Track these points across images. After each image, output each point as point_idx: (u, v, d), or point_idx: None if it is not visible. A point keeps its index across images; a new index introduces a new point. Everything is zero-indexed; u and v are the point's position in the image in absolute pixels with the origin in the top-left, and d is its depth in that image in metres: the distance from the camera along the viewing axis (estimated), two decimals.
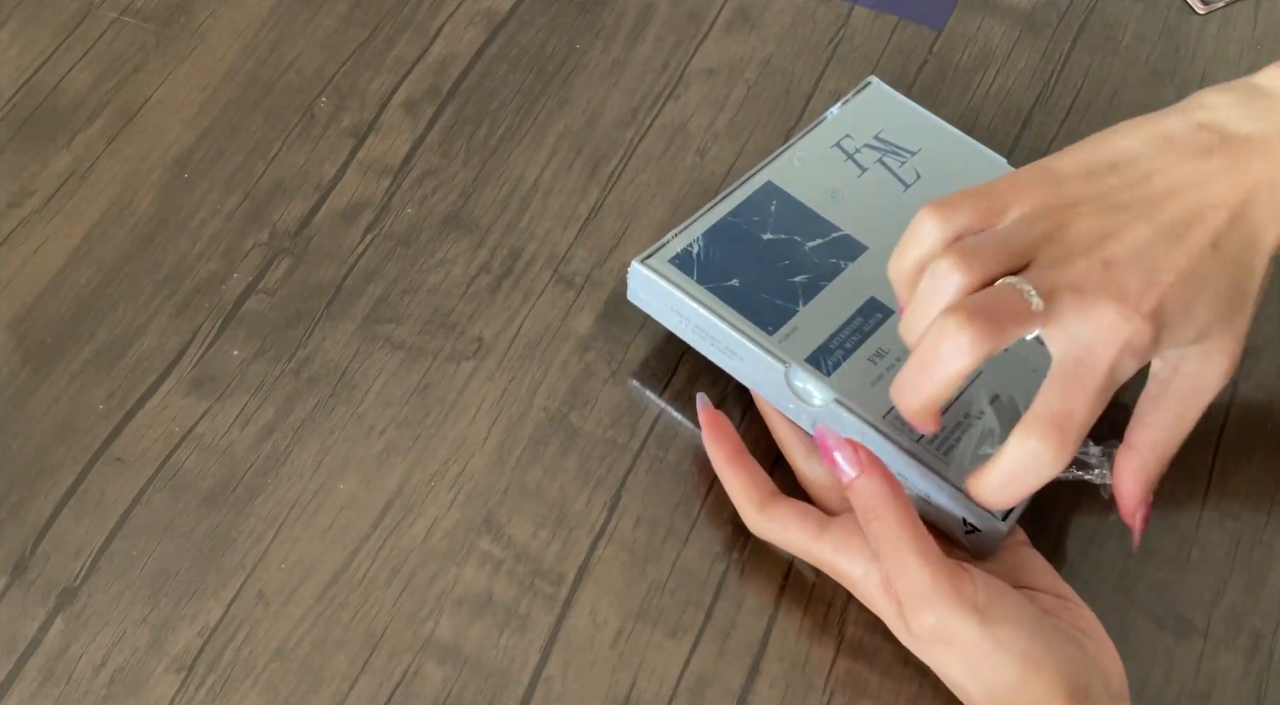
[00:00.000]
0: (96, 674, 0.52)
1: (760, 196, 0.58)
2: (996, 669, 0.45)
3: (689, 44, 0.69)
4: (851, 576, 0.49)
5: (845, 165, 0.60)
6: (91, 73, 0.68)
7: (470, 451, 0.57)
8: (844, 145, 0.60)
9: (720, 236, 0.56)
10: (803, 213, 0.58)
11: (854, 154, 0.60)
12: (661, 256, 0.56)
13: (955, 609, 0.45)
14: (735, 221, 0.57)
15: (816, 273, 0.56)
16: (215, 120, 0.67)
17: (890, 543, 0.47)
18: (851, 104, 0.62)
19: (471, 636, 0.53)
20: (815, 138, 0.61)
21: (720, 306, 0.54)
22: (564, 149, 0.65)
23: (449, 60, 0.69)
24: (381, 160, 0.65)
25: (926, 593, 0.46)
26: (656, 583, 0.54)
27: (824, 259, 0.56)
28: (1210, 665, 0.52)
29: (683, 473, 0.56)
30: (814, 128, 0.61)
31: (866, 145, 0.61)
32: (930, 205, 0.46)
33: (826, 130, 0.61)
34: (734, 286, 0.55)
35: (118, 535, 0.55)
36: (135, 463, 0.57)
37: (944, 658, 0.47)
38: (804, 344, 0.54)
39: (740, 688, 0.52)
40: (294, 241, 0.63)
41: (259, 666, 0.52)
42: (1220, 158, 0.46)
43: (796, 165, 0.59)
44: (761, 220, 0.57)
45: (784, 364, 0.53)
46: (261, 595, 0.54)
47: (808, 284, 0.55)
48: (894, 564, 0.47)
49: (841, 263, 0.56)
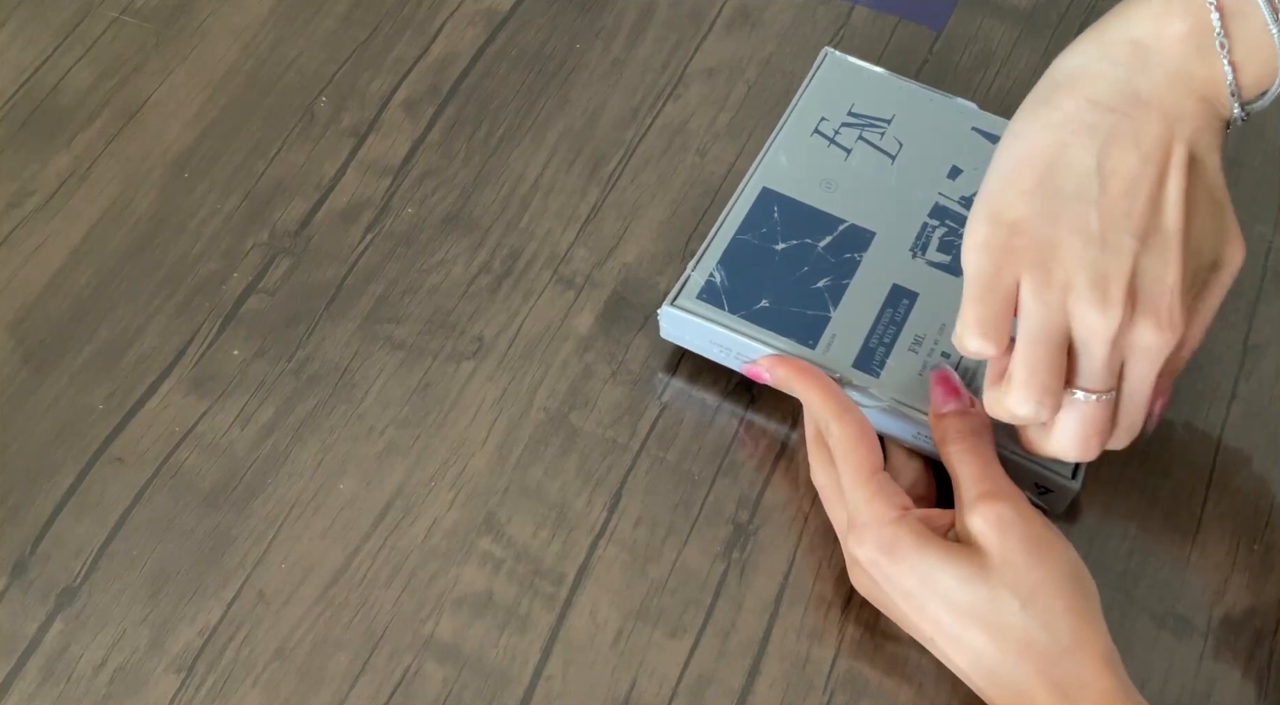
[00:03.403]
0: (96, 674, 0.52)
1: (761, 206, 0.58)
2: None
3: (689, 44, 0.69)
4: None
5: (830, 151, 0.60)
6: (91, 73, 0.68)
7: (470, 451, 0.57)
8: (823, 130, 0.61)
9: (736, 258, 0.57)
10: (805, 212, 0.58)
11: (835, 137, 0.61)
12: (689, 294, 0.56)
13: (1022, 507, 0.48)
14: (746, 239, 0.57)
15: (836, 272, 0.57)
16: (215, 120, 0.67)
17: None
18: (816, 82, 0.63)
19: (472, 636, 0.53)
20: (793, 129, 0.61)
21: (759, 332, 0.55)
22: (564, 149, 0.65)
23: (449, 60, 0.69)
24: (381, 160, 0.65)
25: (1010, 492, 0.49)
26: (656, 583, 0.54)
27: (839, 256, 0.57)
28: (1210, 665, 0.52)
29: (683, 473, 0.56)
30: (789, 118, 0.61)
31: (844, 124, 0.61)
32: (963, 346, 0.47)
33: (801, 118, 0.61)
34: (765, 308, 0.55)
35: (118, 535, 0.55)
36: (135, 463, 0.57)
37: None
38: (847, 350, 0.55)
39: (740, 688, 0.52)
40: (294, 241, 0.63)
41: (259, 666, 0.52)
42: (1136, 120, 0.46)
43: (785, 164, 0.60)
44: (770, 231, 0.58)
45: (834, 375, 0.54)
46: (261, 595, 0.54)
47: (832, 287, 0.56)
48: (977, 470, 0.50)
49: (856, 255, 0.57)
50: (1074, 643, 0.46)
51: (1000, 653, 0.46)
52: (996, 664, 0.47)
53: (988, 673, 0.47)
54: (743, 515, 0.55)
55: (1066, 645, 0.46)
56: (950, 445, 0.51)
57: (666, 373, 0.59)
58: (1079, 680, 0.45)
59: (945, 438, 0.51)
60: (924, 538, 0.48)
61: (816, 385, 0.53)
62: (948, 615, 0.47)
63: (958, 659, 0.48)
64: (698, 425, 0.57)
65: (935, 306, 0.56)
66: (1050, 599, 0.46)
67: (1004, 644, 0.46)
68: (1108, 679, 0.45)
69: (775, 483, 0.56)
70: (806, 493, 0.55)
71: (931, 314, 0.56)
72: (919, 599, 0.48)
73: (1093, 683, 0.45)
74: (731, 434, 0.57)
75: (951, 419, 0.52)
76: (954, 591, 0.47)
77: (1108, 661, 0.46)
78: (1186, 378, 0.55)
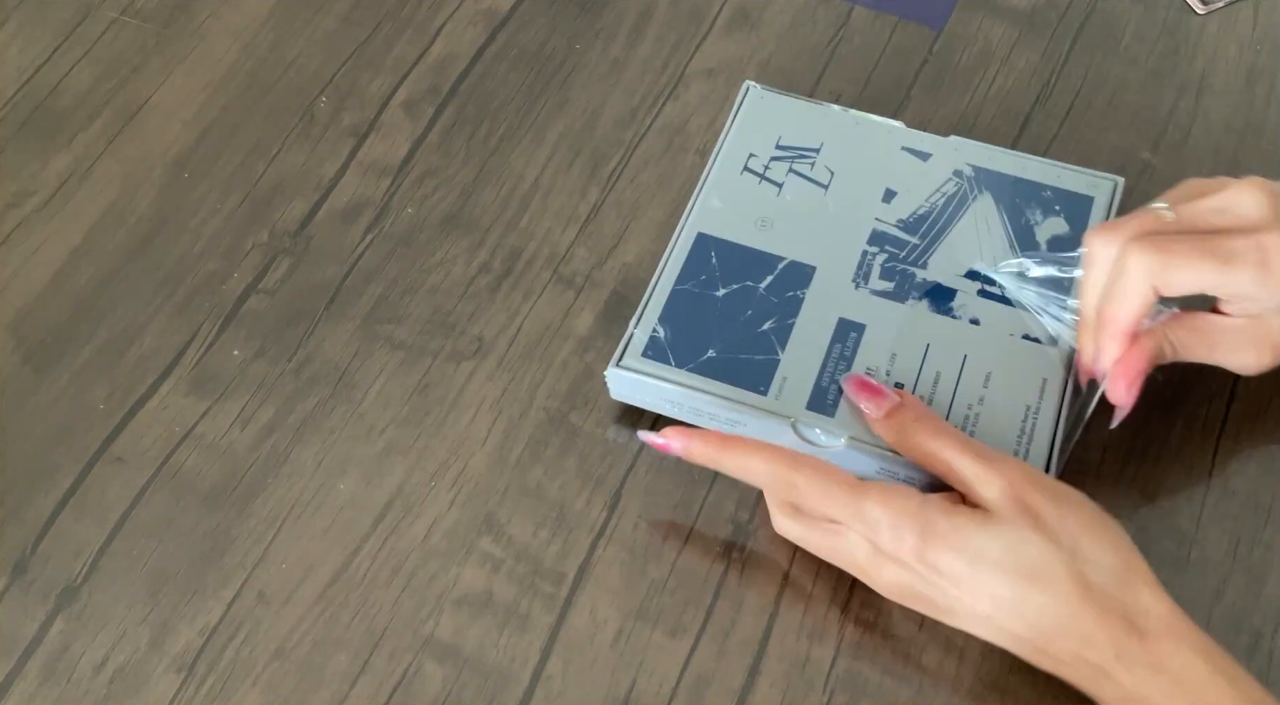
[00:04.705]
0: (97, 674, 0.52)
1: (698, 253, 0.57)
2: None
3: (689, 44, 0.69)
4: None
5: (762, 188, 0.59)
6: (91, 73, 0.68)
7: (470, 451, 0.57)
8: (752, 166, 0.60)
9: (678, 310, 0.56)
10: (743, 254, 0.57)
11: (765, 173, 0.60)
12: (633, 352, 0.55)
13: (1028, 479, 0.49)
14: (686, 289, 0.56)
15: (781, 313, 0.56)
16: (215, 120, 0.67)
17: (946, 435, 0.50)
18: (740, 118, 0.62)
19: (471, 636, 0.53)
20: (722, 169, 0.60)
21: (708, 383, 0.54)
22: (564, 149, 0.65)
23: (449, 60, 0.69)
24: (381, 160, 0.65)
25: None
26: (656, 582, 0.54)
27: (781, 295, 0.56)
28: None
29: (683, 473, 0.56)
30: (716, 158, 0.60)
31: (773, 158, 0.60)
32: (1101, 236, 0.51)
33: (729, 157, 0.60)
34: (712, 358, 0.54)
35: (118, 535, 0.55)
36: (135, 463, 0.57)
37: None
38: (799, 392, 0.54)
39: (740, 688, 0.52)
40: (294, 241, 0.63)
41: (259, 666, 0.52)
42: None
43: (718, 206, 0.59)
44: (709, 277, 0.57)
45: (788, 419, 0.53)
46: (261, 595, 0.54)
47: (778, 328, 0.55)
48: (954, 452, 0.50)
49: (799, 292, 0.56)
50: (1126, 573, 0.47)
51: (1063, 605, 0.46)
52: (1061, 618, 0.46)
53: (1052, 630, 0.47)
54: (743, 515, 0.55)
55: (1121, 577, 0.46)
56: (915, 436, 0.50)
57: None
58: (1140, 607, 0.46)
59: (905, 432, 0.51)
60: (956, 513, 0.48)
61: (751, 451, 0.51)
62: (1004, 586, 0.47)
63: (1018, 627, 0.47)
64: None
65: (884, 336, 0.55)
66: (1092, 540, 0.47)
67: (1064, 596, 0.46)
68: (1165, 601, 0.46)
69: None
70: None
71: (881, 343, 0.55)
72: (971, 581, 0.47)
73: (1153, 606, 0.46)
74: None
75: (898, 415, 0.51)
76: (1004, 559, 0.47)
77: (1158, 584, 0.47)
78: (1187, 377, 0.55)
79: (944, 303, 0.56)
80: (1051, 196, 0.59)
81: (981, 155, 0.60)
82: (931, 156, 0.60)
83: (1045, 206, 0.58)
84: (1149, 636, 0.45)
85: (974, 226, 0.58)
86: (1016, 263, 0.56)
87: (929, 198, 0.59)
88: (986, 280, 0.57)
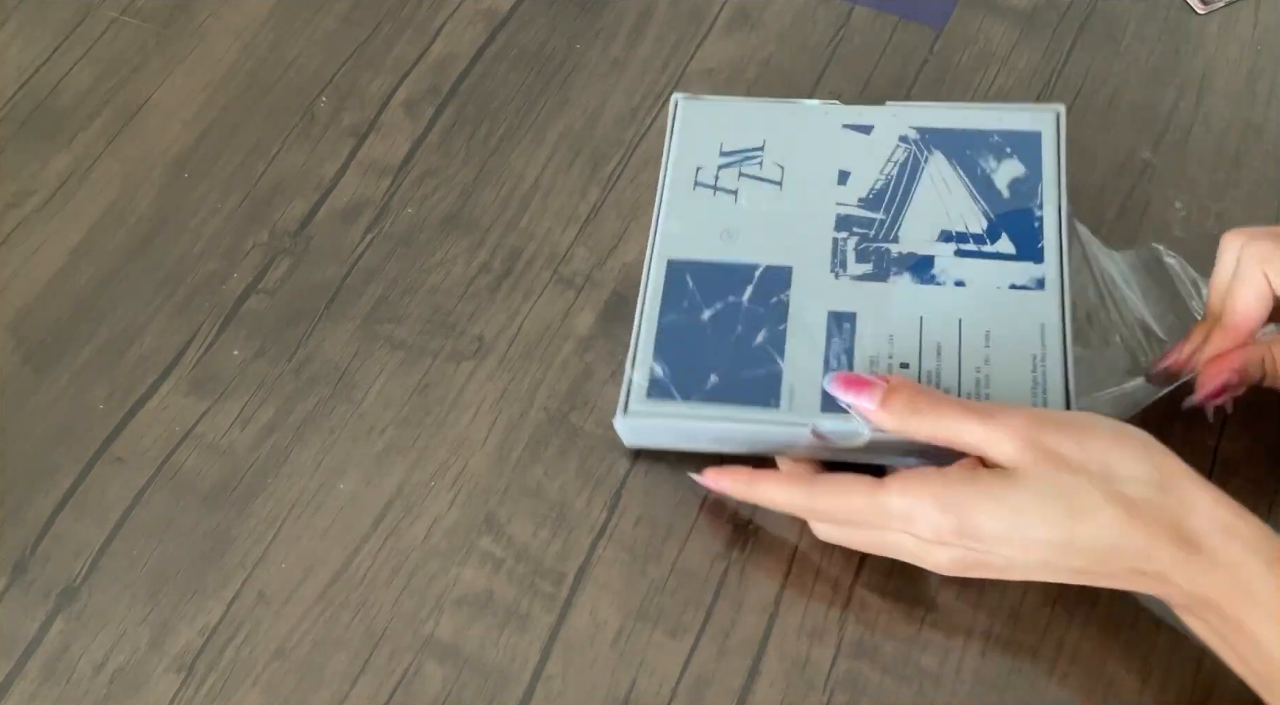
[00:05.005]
0: (97, 674, 0.52)
1: (673, 281, 0.56)
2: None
3: (689, 44, 0.69)
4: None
5: (717, 200, 0.58)
6: (91, 73, 0.68)
7: (470, 451, 0.57)
8: (702, 179, 0.59)
9: (670, 343, 0.55)
10: (717, 271, 0.56)
11: (716, 183, 0.59)
12: (637, 397, 0.54)
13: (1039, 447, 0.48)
14: (671, 320, 0.55)
15: (770, 320, 0.55)
16: (215, 120, 0.67)
17: (949, 406, 0.49)
18: (678, 133, 0.61)
19: (471, 636, 0.53)
20: (674, 189, 0.59)
21: (718, 410, 0.53)
22: (564, 149, 0.65)
23: (449, 60, 0.69)
24: (381, 160, 0.65)
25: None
26: (656, 583, 0.54)
27: (765, 303, 0.55)
28: (1210, 665, 0.52)
29: (683, 473, 0.56)
30: (665, 180, 0.59)
31: (720, 166, 0.59)
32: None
33: (677, 175, 0.59)
34: (716, 383, 0.53)
35: (118, 535, 0.55)
36: (135, 463, 0.57)
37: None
38: (810, 397, 0.53)
39: (740, 688, 0.52)
40: (294, 241, 0.63)
41: (259, 666, 0.52)
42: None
43: (678, 229, 0.58)
44: (691, 303, 0.56)
45: (806, 424, 0.52)
46: (261, 595, 0.54)
47: (771, 337, 0.54)
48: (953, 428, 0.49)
49: (782, 295, 0.55)
50: (1164, 478, 0.46)
51: (1111, 530, 0.46)
52: (1113, 542, 0.46)
53: (1108, 554, 0.47)
54: (743, 515, 0.55)
55: (1159, 483, 0.46)
56: (913, 419, 0.50)
57: None
58: (1186, 507, 0.46)
59: (902, 417, 0.50)
60: (979, 478, 0.48)
61: (772, 486, 0.52)
62: (1050, 530, 0.46)
63: (1077, 562, 0.47)
64: None
65: (876, 319, 0.54)
66: (1119, 456, 0.47)
67: (1110, 520, 0.46)
68: (1208, 493, 0.46)
69: None
70: None
71: (876, 328, 0.54)
72: (1017, 537, 0.47)
73: (1199, 502, 0.46)
74: None
75: (890, 400, 0.50)
76: (1040, 507, 0.46)
77: (1197, 477, 0.47)
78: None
79: (925, 272, 0.56)
80: (1000, 140, 0.59)
81: (921, 116, 0.60)
82: (874, 128, 0.60)
83: (996, 152, 0.58)
84: (1198, 537, 0.45)
85: (934, 189, 0.58)
86: None
87: (882, 170, 0.58)
88: (960, 239, 0.56)
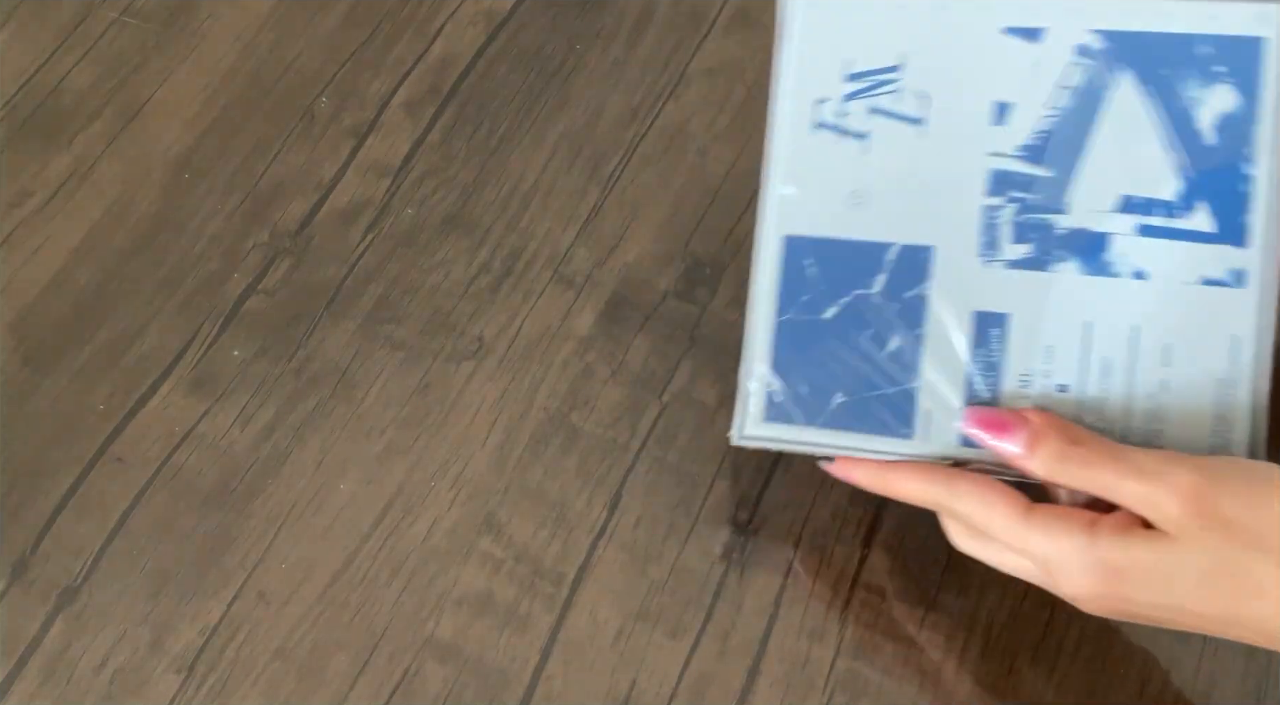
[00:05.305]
0: (97, 674, 0.52)
1: (790, 264, 0.46)
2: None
3: (689, 44, 0.69)
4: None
5: (841, 146, 0.46)
6: (91, 73, 0.68)
7: (470, 451, 0.57)
8: (824, 118, 0.47)
9: (788, 351, 0.46)
10: (842, 251, 0.46)
11: (841, 123, 0.47)
12: (754, 421, 0.47)
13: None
14: (789, 320, 0.46)
15: (905, 322, 0.45)
16: (215, 120, 0.67)
17: (1106, 453, 0.43)
18: (797, 45, 0.48)
19: (472, 636, 0.53)
20: (789, 134, 0.47)
21: (844, 437, 0.46)
22: (564, 149, 0.65)
23: (449, 60, 0.69)
24: (381, 160, 0.65)
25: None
26: (656, 583, 0.54)
27: (899, 297, 0.45)
28: (1210, 665, 0.52)
29: (683, 473, 0.56)
30: (776, 120, 0.47)
31: (845, 97, 0.46)
32: None
33: (793, 112, 0.47)
34: (842, 404, 0.46)
35: (118, 535, 0.55)
36: (135, 463, 0.57)
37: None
38: (947, 426, 0.45)
39: (740, 688, 0.52)
40: (294, 241, 0.63)
41: (259, 666, 0.52)
42: None
43: (796, 193, 0.47)
44: (812, 297, 0.46)
45: (947, 462, 0.46)
46: (262, 595, 0.54)
47: (905, 345, 0.45)
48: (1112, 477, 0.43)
49: (920, 289, 0.45)
50: None
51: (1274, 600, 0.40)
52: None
53: (1277, 635, 0.41)
54: (743, 515, 0.55)
55: None
56: (1064, 473, 0.43)
57: (667, 373, 0.59)
58: None
59: (1049, 465, 0.43)
60: (1132, 542, 0.42)
61: (909, 478, 0.46)
62: (1209, 606, 0.42)
63: (1239, 635, 0.42)
64: (698, 425, 0.57)
65: (1033, 323, 0.45)
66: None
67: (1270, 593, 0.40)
68: None
69: (775, 483, 0.56)
70: (807, 492, 0.55)
71: (1031, 336, 0.44)
72: (1171, 607, 0.42)
73: None
74: None
75: (1038, 448, 0.44)
76: (1201, 583, 0.41)
77: None
78: None
79: (1097, 257, 0.44)
80: (1211, 52, 0.43)
81: (1108, 12, 0.44)
82: (1045, 33, 0.45)
83: (1203, 70, 0.43)
84: None
85: (1118, 129, 0.44)
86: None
87: (1052, 100, 0.45)
88: (1145, 209, 0.43)
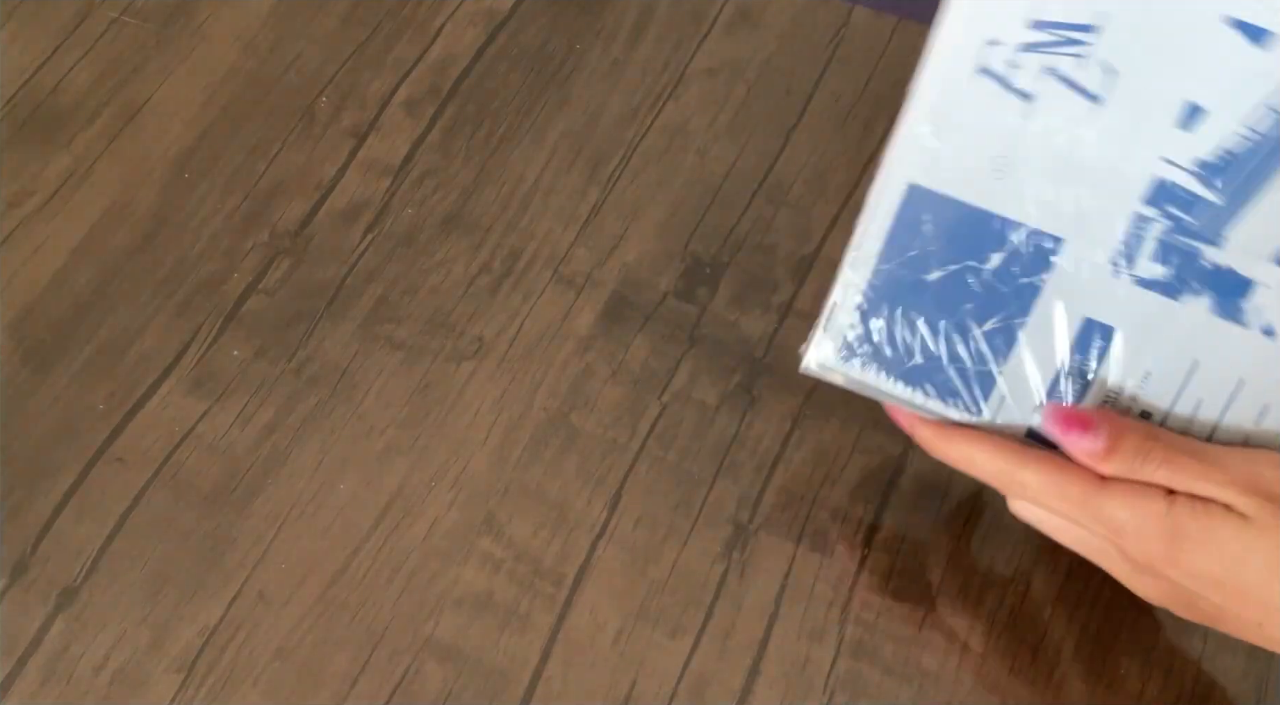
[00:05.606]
0: (97, 674, 0.52)
1: (907, 214, 0.42)
2: None
3: (689, 44, 0.69)
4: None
5: (1001, 103, 0.40)
6: (91, 73, 0.68)
7: (470, 451, 0.57)
8: (992, 66, 0.40)
9: (880, 300, 0.44)
10: (967, 218, 0.42)
11: (1008, 75, 0.40)
12: (827, 352, 0.45)
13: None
14: (890, 269, 0.43)
15: (1008, 308, 0.42)
16: (215, 120, 0.67)
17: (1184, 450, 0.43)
18: None
19: (471, 636, 0.53)
20: (944, 69, 0.41)
21: (912, 394, 0.45)
22: (564, 149, 0.65)
23: (449, 60, 0.69)
24: (381, 160, 0.65)
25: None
26: (656, 583, 0.54)
27: (1012, 282, 0.42)
28: (1210, 665, 0.52)
29: (683, 473, 0.56)
30: (934, 50, 0.41)
31: (1022, 48, 0.40)
32: None
33: (957, 47, 0.41)
34: (919, 366, 0.44)
35: (118, 535, 0.55)
36: (135, 463, 0.57)
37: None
38: (1019, 412, 0.43)
39: (740, 688, 0.52)
40: (294, 241, 0.63)
41: (259, 666, 0.52)
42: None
43: (934, 140, 0.42)
44: (920, 254, 0.43)
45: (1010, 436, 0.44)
46: (262, 595, 0.54)
47: (1002, 329, 0.42)
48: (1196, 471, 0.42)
49: (1036, 279, 0.42)
50: None
51: None
52: None
53: None
54: (743, 515, 0.55)
55: None
56: (1143, 462, 0.42)
57: (667, 373, 0.59)
58: None
59: (1129, 462, 0.42)
60: (1210, 513, 0.41)
61: (975, 444, 0.45)
62: (1275, 592, 0.41)
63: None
64: (698, 425, 0.57)
65: (1140, 345, 0.42)
66: None
67: None
68: None
69: (775, 483, 0.56)
70: (807, 493, 0.55)
71: (1135, 357, 0.42)
72: (1235, 586, 0.42)
73: None
74: (731, 434, 0.57)
75: (1118, 449, 0.42)
76: (1270, 565, 0.41)
77: None
78: None
79: (1232, 301, 0.41)
80: None
81: None
82: (1274, 38, 0.38)
83: None
84: None
85: None
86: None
87: (1253, 120, 0.39)
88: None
